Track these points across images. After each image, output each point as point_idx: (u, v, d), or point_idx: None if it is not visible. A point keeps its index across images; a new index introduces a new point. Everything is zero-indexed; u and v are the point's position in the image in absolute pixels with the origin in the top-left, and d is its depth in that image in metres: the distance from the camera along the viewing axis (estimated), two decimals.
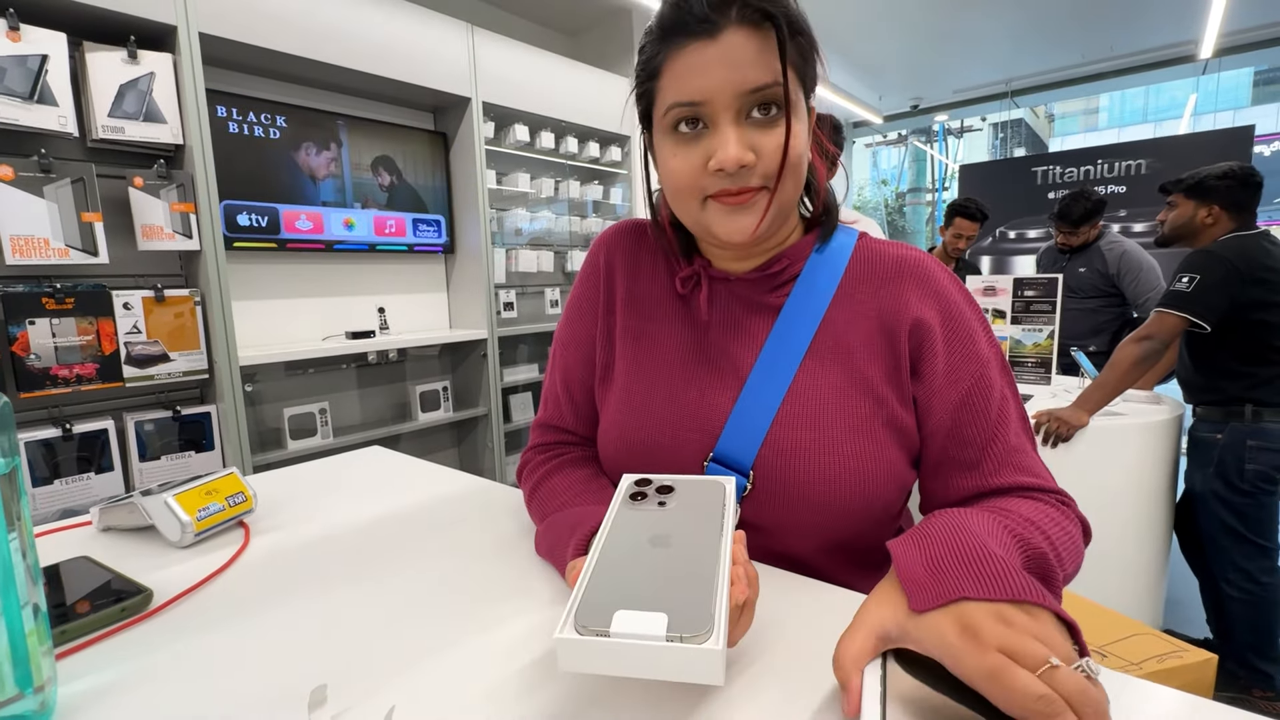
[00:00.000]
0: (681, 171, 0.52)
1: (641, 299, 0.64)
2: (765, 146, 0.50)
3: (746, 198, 0.52)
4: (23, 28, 1.58)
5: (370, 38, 2.25)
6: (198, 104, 1.84)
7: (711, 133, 0.51)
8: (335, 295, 2.53)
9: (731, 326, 0.60)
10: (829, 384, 0.55)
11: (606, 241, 0.68)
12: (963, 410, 0.54)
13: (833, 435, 0.54)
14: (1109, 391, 1.70)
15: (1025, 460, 0.55)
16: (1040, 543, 0.46)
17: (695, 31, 0.49)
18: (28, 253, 1.62)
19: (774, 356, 0.56)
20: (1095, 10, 3.69)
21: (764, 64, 0.49)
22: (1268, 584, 1.69)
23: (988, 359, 0.55)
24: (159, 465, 1.89)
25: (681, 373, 0.60)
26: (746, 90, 0.49)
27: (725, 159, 0.49)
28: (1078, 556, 0.51)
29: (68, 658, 0.45)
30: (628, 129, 3.33)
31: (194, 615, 0.52)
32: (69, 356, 1.70)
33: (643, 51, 0.54)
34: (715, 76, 0.49)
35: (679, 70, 0.50)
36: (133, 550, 0.64)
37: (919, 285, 0.56)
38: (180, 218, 1.86)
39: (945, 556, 0.37)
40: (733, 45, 0.48)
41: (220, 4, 1.89)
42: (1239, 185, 1.68)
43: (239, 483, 0.68)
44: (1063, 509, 0.53)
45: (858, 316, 0.57)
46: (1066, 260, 2.60)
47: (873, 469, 0.53)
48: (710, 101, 0.50)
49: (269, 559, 0.63)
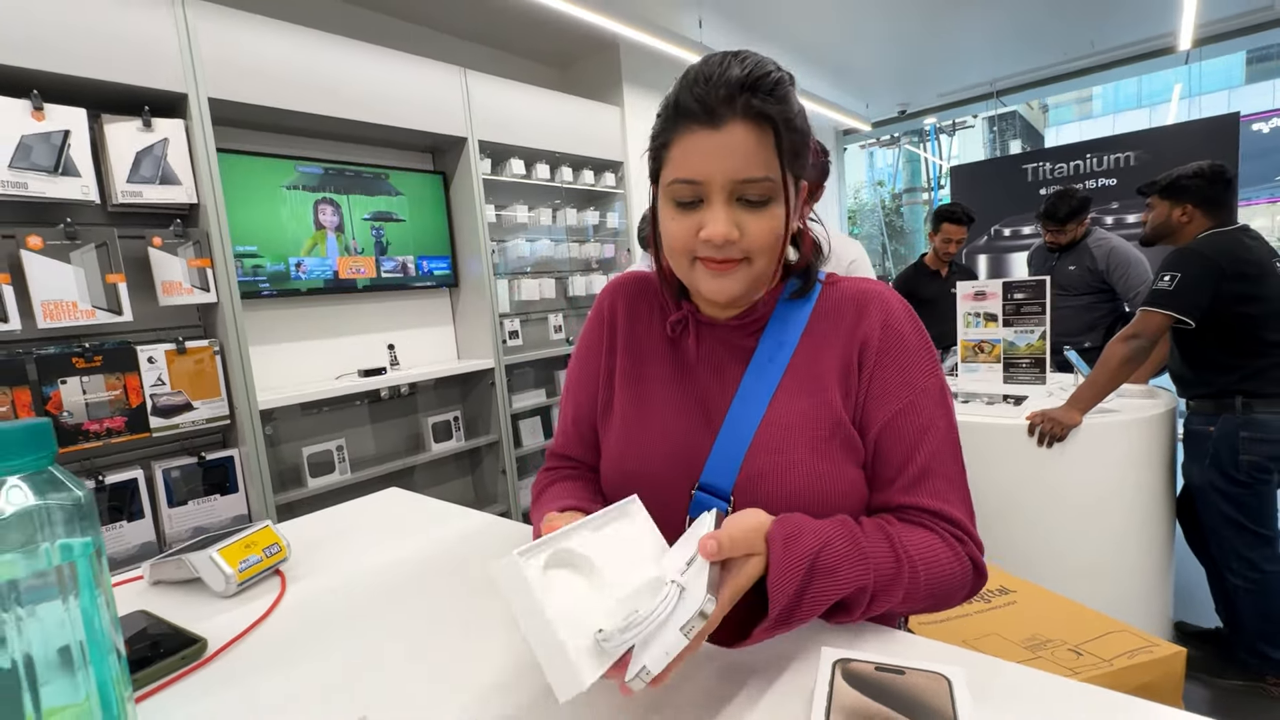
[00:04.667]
0: (676, 235, 0.60)
1: (638, 344, 0.72)
2: (750, 227, 0.57)
3: (729, 267, 0.59)
4: (46, 106, 1.68)
5: (369, 88, 2.36)
6: (209, 164, 1.95)
7: (706, 207, 0.57)
8: (346, 335, 2.62)
9: (714, 367, 0.67)
10: (795, 413, 0.61)
11: (611, 292, 0.76)
12: (888, 430, 0.60)
13: (795, 459, 0.59)
14: (1100, 390, 1.74)
15: (938, 485, 0.59)
16: (884, 567, 0.52)
17: (702, 119, 0.55)
18: (58, 316, 1.72)
19: (748, 393, 0.63)
20: (1072, 9, 3.76)
21: (759, 158, 0.56)
22: (1271, 571, 1.71)
23: (923, 388, 0.60)
24: (186, 510, 1.97)
25: (671, 411, 0.67)
26: (740, 179, 0.56)
27: (713, 234, 0.56)
28: (938, 578, 0.54)
29: (139, 704, 0.52)
30: (620, 155, 3.43)
31: (244, 659, 0.58)
32: (99, 411, 1.79)
33: (658, 120, 0.61)
34: (714, 162, 0.56)
35: (685, 149, 0.57)
36: (182, 601, 0.71)
37: (874, 312, 0.63)
38: (197, 272, 1.95)
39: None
40: (733, 137, 0.55)
41: (227, 69, 1.99)
42: (1209, 183, 1.73)
43: (274, 535, 0.75)
44: (949, 543, 0.56)
45: (823, 349, 0.63)
46: (1056, 259, 2.65)
47: (830, 486, 0.59)
48: (708, 182, 0.56)
49: (304, 603, 0.69)
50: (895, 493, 0.59)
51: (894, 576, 0.52)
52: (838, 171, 6.07)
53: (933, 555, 0.54)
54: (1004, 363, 2.22)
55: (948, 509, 0.58)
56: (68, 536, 0.42)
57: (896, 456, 0.59)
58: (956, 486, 0.60)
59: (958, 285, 2.29)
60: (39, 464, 0.41)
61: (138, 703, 0.51)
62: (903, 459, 0.59)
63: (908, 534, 0.55)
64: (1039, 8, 3.69)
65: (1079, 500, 1.78)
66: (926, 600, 0.55)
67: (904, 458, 0.59)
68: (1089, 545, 1.78)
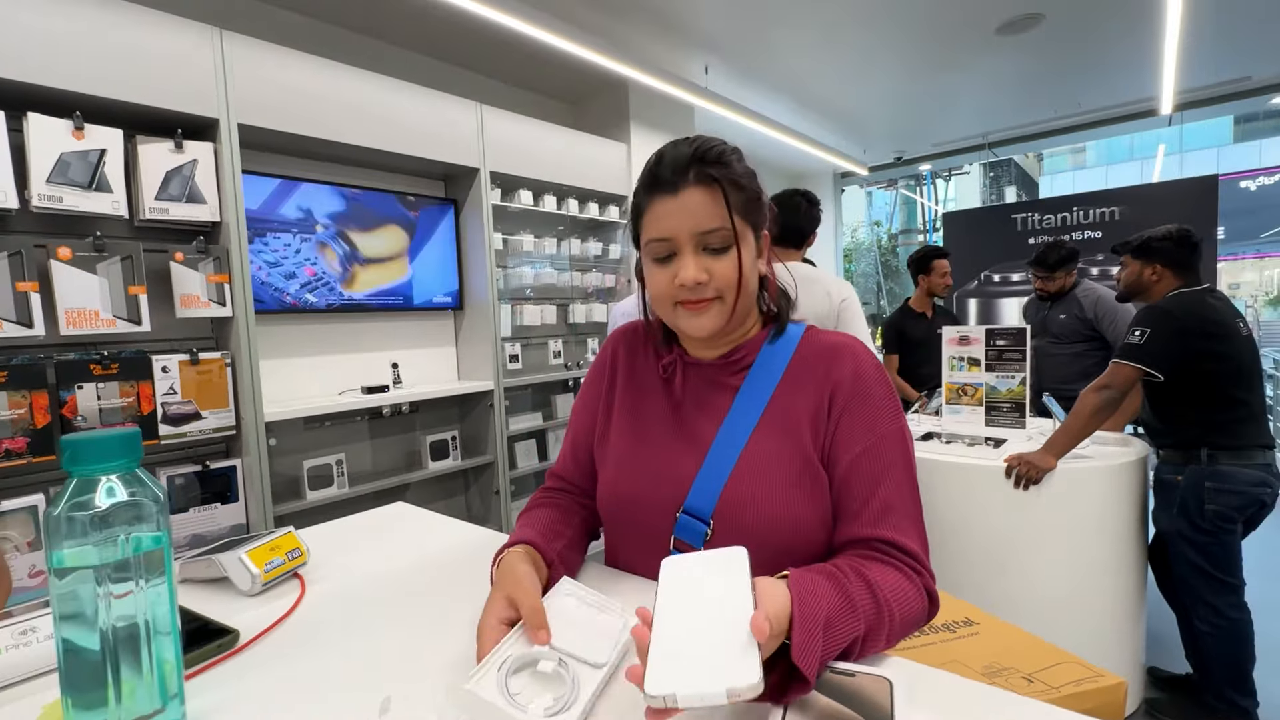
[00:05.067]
0: (657, 284, 0.71)
1: (636, 381, 0.82)
2: (716, 269, 0.68)
3: (704, 305, 0.70)
4: (86, 126, 1.78)
5: (388, 118, 2.48)
6: (235, 186, 2.05)
7: (678, 258, 0.69)
8: (352, 352, 2.70)
9: (700, 402, 0.76)
10: (772, 449, 0.69)
11: (614, 340, 0.87)
12: (853, 468, 0.67)
13: (770, 489, 0.67)
14: (1074, 436, 1.83)
15: (898, 520, 0.65)
16: (861, 606, 0.56)
17: (666, 189, 0.69)
18: (80, 324, 1.79)
19: (731, 427, 0.72)
20: (1060, 71, 3.96)
21: (713, 213, 0.68)
22: (1236, 619, 1.78)
23: (884, 433, 0.68)
24: (187, 517, 2.02)
25: (661, 440, 0.76)
26: (700, 231, 0.68)
27: (686, 278, 0.68)
28: (907, 615, 0.60)
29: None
30: (625, 189, 3.56)
31: (272, 649, 0.65)
32: (111, 417, 1.85)
33: (635, 195, 0.74)
34: (677, 221, 0.68)
35: (655, 214, 0.70)
36: (210, 598, 0.78)
37: (846, 362, 0.71)
38: (215, 287, 2.03)
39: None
40: (690, 199, 0.68)
41: (257, 97, 2.11)
42: (1176, 245, 1.85)
43: (295, 540, 0.82)
44: (910, 577, 0.62)
45: (799, 393, 0.72)
46: (1049, 308, 2.79)
47: (801, 514, 0.67)
48: (675, 238, 0.69)
49: (323, 603, 0.76)
50: (859, 526, 0.66)
51: (877, 622, 0.56)
52: (834, 212, 6.26)
53: (903, 595, 0.60)
54: (986, 405, 2.30)
55: (906, 542, 0.64)
56: (146, 530, 0.49)
57: (860, 492, 0.66)
58: (914, 521, 0.66)
59: (944, 330, 2.39)
60: (129, 465, 0.49)
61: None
62: (865, 495, 0.66)
63: (880, 576, 0.60)
64: (1029, 69, 3.88)
65: (1053, 542, 1.85)
66: (897, 638, 0.60)
67: (867, 494, 0.66)
68: (1062, 587, 1.84)
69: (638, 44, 3.27)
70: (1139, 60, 3.75)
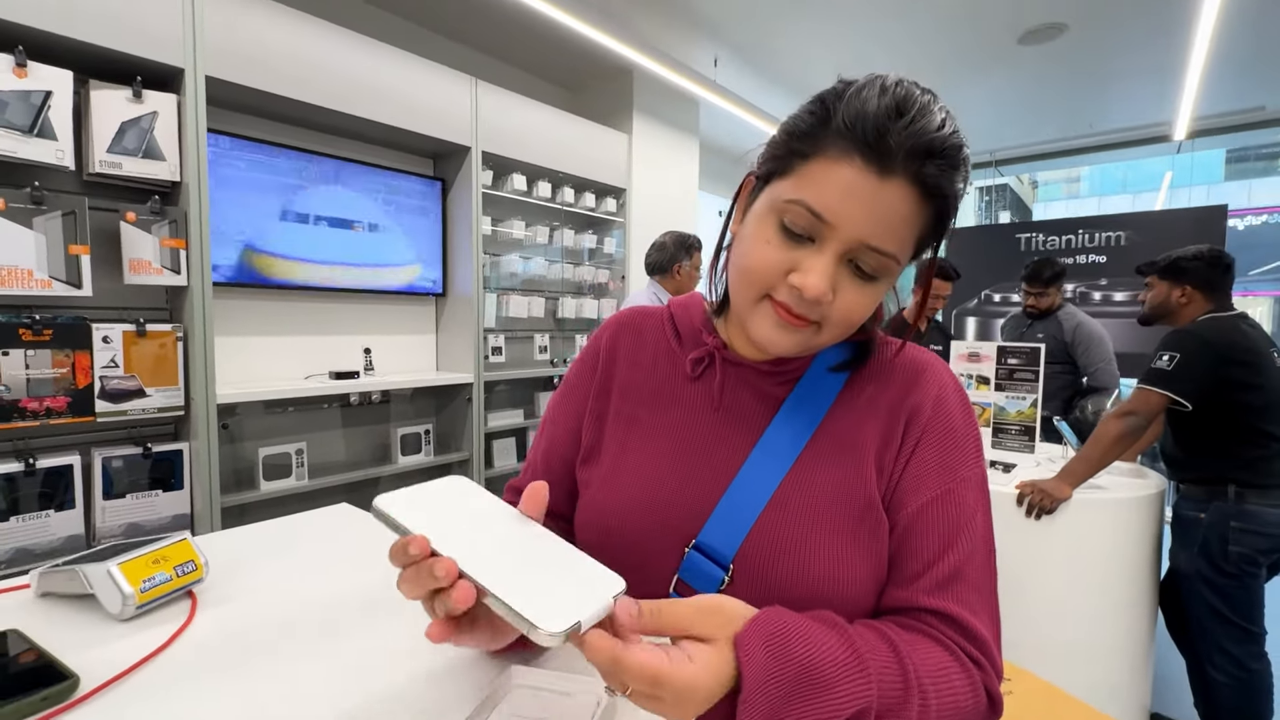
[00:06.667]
0: (762, 262, 0.49)
1: (641, 385, 0.63)
2: (843, 296, 0.49)
3: (800, 324, 0.50)
4: (30, 65, 1.60)
5: (376, 85, 2.31)
6: (198, 143, 1.87)
7: (812, 250, 0.48)
8: (321, 334, 2.52)
9: (733, 413, 0.58)
10: (824, 481, 0.53)
11: (612, 327, 0.67)
12: (921, 517, 0.52)
13: (819, 536, 0.51)
14: (1092, 466, 1.70)
15: (968, 594, 0.49)
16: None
17: (870, 157, 0.45)
18: (9, 283, 1.61)
19: (771, 448, 0.55)
20: (1074, 91, 3.88)
21: (900, 233, 0.47)
22: (1256, 670, 1.66)
23: (965, 479, 0.53)
24: (124, 504, 1.83)
25: (673, 458, 0.58)
26: (868, 244, 0.47)
27: (805, 285, 0.47)
28: (947, 709, 0.44)
29: None
30: (624, 182, 3.41)
31: (126, 702, 0.48)
32: (40, 389, 1.66)
33: (810, 118, 0.49)
34: (857, 211, 0.46)
35: (830, 176, 0.46)
36: (70, 620, 0.61)
37: (930, 384, 0.55)
38: (170, 253, 1.85)
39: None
40: (891, 195, 0.45)
41: (230, 48, 1.93)
42: (1208, 266, 1.73)
43: (190, 550, 0.65)
44: (965, 667, 0.46)
45: (865, 413, 0.55)
46: (1028, 326, 2.76)
47: (854, 573, 0.51)
48: (834, 226, 0.46)
49: (215, 634, 0.59)
50: (918, 592, 0.50)
51: (902, 700, 0.41)
52: None
53: (947, 682, 0.44)
54: (993, 427, 2.18)
55: (972, 622, 0.48)
56: None
57: (927, 550, 0.51)
58: (987, 600, 0.50)
59: (951, 345, 2.27)
60: None
61: None
62: (933, 555, 0.50)
63: (917, 649, 0.45)
64: (1045, 83, 3.80)
65: (1061, 576, 1.72)
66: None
67: (935, 554, 0.50)
68: (1068, 624, 1.71)
69: (646, 30, 3.12)
70: (1158, 80, 3.67)
